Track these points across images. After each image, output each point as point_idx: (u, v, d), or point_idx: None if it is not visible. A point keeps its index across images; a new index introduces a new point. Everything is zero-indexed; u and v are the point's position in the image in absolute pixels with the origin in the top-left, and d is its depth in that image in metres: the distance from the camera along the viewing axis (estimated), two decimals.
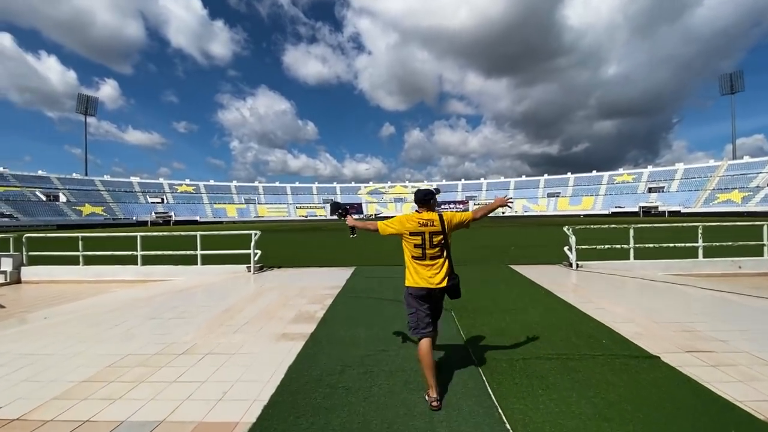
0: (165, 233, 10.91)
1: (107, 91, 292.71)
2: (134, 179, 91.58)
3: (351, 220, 3.20)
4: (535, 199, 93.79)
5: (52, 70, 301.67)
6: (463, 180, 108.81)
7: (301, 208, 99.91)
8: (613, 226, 9.35)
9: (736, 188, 67.44)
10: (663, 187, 79.95)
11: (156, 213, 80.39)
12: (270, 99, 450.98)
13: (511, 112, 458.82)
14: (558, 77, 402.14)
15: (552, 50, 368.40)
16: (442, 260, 2.73)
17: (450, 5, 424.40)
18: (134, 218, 75.25)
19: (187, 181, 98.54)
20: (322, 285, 6.86)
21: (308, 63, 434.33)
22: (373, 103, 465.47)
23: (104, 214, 74.18)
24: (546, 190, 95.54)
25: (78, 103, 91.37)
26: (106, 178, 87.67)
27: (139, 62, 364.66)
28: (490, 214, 3.09)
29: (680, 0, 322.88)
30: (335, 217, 3.17)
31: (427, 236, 2.69)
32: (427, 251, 2.70)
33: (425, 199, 2.79)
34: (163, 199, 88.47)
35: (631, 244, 8.27)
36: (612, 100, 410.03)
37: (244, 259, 8.77)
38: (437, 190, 2.99)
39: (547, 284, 6.55)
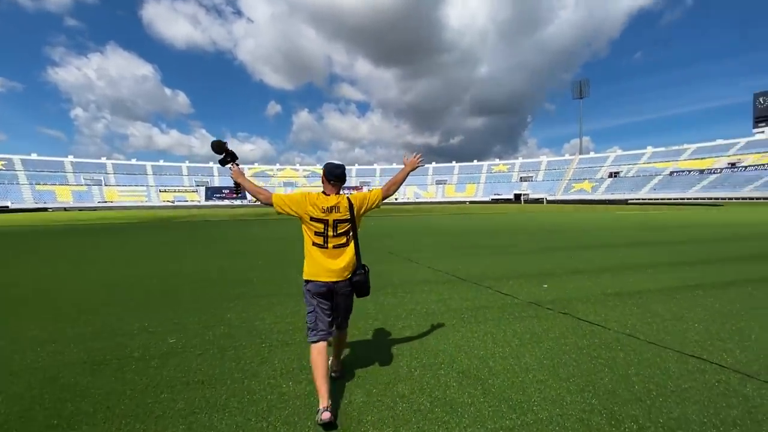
0: None
1: None
2: None
3: (237, 172, 2.36)
4: (425, 186, 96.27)
5: None
6: (357, 165, 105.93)
7: (165, 191, 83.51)
8: None
9: (586, 179, 78.82)
10: (531, 177, 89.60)
11: None
12: (125, 60, 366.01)
13: (398, 102, 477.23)
14: (440, 72, 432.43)
15: (436, 46, 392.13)
16: (347, 249, 2.25)
17: None
18: None
19: None
20: None
21: (175, 22, 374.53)
22: (256, 78, 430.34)
23: None
24: (434, 178, 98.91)
25: None
26: None
27: None
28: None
29: (537, 15, 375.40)
30: (219, 159, 2.34)
31: (330, 223, 2.20)
32: (330, 239, 2.20)
33: (342, 176, 2.29)
34: None
35: None
36: (482, 98, 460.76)
37: None
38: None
39: None
